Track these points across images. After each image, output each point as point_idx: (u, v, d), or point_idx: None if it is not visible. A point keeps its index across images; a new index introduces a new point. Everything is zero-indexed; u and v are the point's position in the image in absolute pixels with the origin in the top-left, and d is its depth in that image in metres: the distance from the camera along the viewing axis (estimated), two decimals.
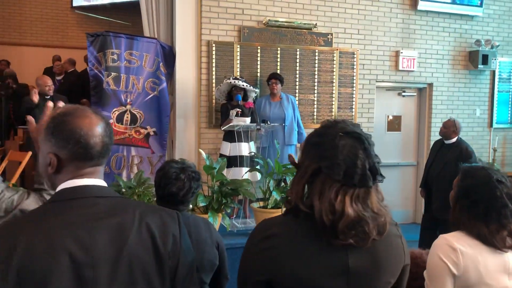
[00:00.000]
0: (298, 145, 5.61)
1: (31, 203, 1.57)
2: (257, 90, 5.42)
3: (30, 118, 1.51)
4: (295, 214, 1.24)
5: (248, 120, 4.95)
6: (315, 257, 1.19)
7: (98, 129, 1.16)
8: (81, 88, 7.82)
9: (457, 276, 1.75)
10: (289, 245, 1.19)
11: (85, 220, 1.10)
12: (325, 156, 1.20)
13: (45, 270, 1.02)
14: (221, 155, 4.93)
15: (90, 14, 9.71)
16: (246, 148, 4.98)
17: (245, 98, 5.13)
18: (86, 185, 1.15)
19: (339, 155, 1.18)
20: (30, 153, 4.44)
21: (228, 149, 5.00)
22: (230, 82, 5.06)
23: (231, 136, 4.96)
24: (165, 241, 1.17)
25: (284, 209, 3.79)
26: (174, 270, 1.18)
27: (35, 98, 5.43)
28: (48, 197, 1.56)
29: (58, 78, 8.17)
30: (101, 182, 1.20)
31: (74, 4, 9.71)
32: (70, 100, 5.81)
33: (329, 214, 1.16)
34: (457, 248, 1.76)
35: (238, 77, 5.25)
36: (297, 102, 5.73)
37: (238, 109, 4.92)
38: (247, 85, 5.10)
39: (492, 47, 6.84)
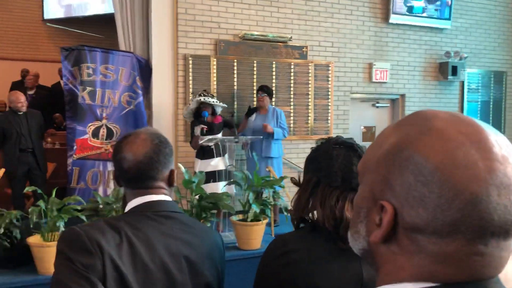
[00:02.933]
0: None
1: None
2: (222, 104, 5.14)
3: None
4: (309, 229, 1.29)
5: (219, 135, 4.93)
6: (331, 268, 1.22)
7: (141, 155, 1.25)
8: (53, 102, 7.72)
9: None
10: (307, 259, 1.23)
11: (169, 232, 1.23)
12: (322, 167, 1.27)
13: (144, 269, 1.14)
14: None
15: (62, 27, 9.56)
16: (218, 163, 4.89)
17: (213, 113, 5.04)
18: (154, 201, 1.26)
19: (334, 163, 1.25)
20: (3, 170, 4.32)
21: (198, 166, 4.93)
22: (199, 100, 4.93)
23: (203, 153, 4.92)
24: (220, 255, 1.36)
25: (263, 221, 3.67)
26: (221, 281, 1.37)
27: None
28: None
29: (30, 92, 7.98)
30: (167, 198, 1.30)
31: (45, 17, 9.55)
32: (43, 115, 5.71)
33: (331, 220, 1.21)
34: None
35: (204, 92, 5.10)
36: (284, 114, 5.53)
37: (203, 126, 4.86)
38: (215, 101, 4.98)
39: (460, 59, 7.06)
